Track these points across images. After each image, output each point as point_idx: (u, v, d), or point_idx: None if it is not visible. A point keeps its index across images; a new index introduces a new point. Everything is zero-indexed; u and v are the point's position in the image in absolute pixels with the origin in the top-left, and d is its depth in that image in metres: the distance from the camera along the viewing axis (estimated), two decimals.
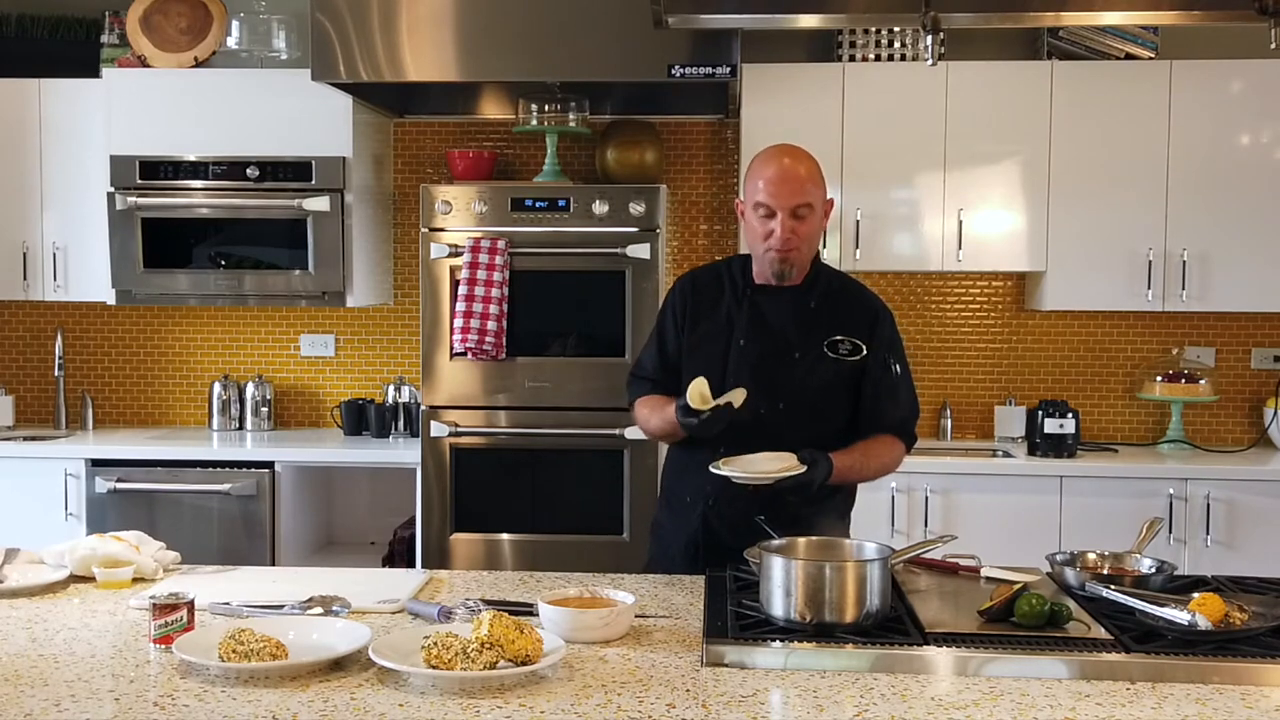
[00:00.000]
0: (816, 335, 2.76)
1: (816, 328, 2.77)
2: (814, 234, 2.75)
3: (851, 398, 2.78)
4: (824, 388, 2.75)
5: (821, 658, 2.03)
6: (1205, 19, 2.90)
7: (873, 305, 2.83)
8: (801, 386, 2.75)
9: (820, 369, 2.75)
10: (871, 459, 2.75)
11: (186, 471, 4.52)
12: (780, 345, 2.78)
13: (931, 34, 2.67)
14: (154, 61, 4.73)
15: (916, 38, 4.60)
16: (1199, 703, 1.88)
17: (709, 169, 5.00)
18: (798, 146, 2.81)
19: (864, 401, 2.77)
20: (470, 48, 4.27)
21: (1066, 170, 4.53)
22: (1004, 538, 4.19)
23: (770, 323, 2.80)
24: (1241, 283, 4.52)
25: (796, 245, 2.71)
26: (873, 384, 2.76)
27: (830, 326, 2.76)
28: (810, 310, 2.79)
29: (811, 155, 2.77)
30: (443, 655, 1.92)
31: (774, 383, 2.75)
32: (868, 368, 2.76)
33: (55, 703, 1.86)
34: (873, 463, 2.75)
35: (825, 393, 2.75)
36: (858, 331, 2.76)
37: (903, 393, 2.81)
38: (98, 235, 4.69)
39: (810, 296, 2.80)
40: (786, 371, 2.76)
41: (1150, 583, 2.39)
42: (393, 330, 5.11)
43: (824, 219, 2.77)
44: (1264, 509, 4.31)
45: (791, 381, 2.75)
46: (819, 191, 2.73)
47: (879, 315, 2.80)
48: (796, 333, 2.77)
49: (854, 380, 2.76)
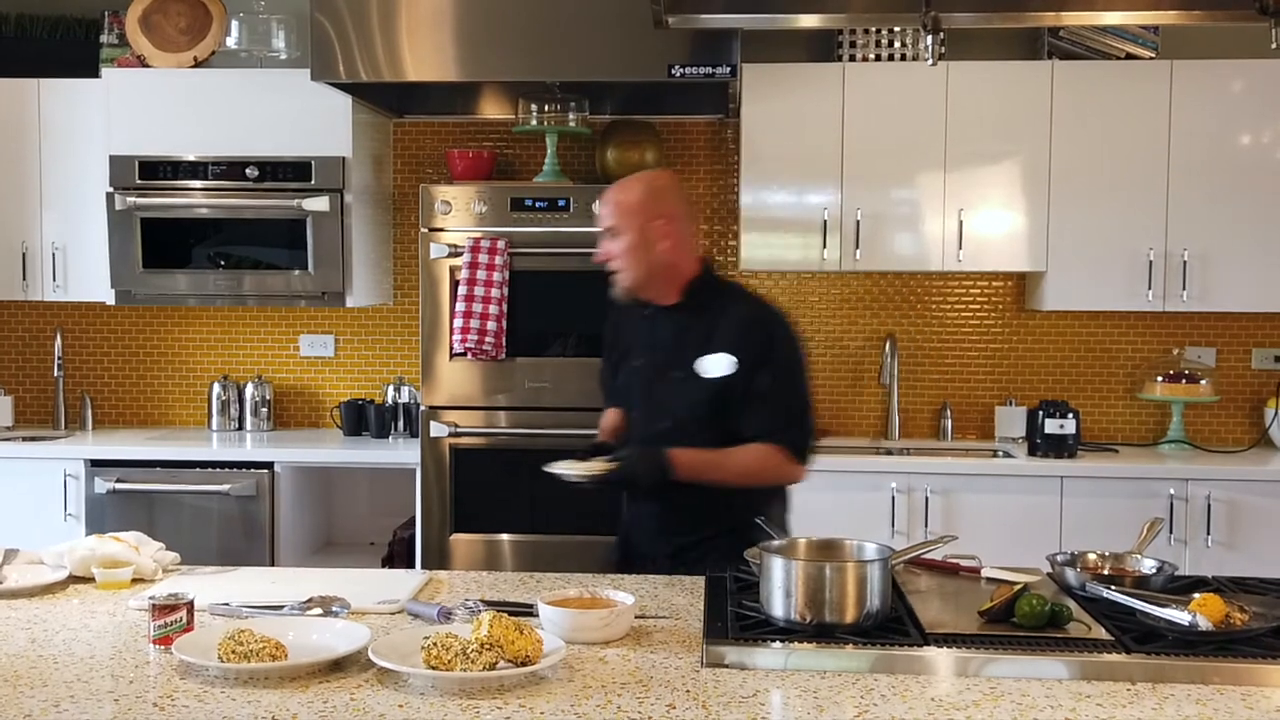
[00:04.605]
0: (690, 353, 2.80)
1: (690, 346, 2.81)
2: (631, 255, 2.80)
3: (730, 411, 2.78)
4: (699, 404, 2.78)
5: (822, 658, 2.02)
6: (1205, 19, 2.90)
7: (744, 319, 2.82)
8: (681, 404, 2.81)
9: (692, 387, 2.79)
10: (731, 461, 2.75)
11: (186, 472, 4.51)
12: (661, 365, 2.86)
13: (931, 34, 2.67)
14: (153, 61, 4.73)
15: (916, 38, 4.60)
16: (1199, 703, 1.88)
17: (709, 169, 5.00)
18: (643, 175, 2.93)
19: (732, 411, 2.77)
20: (470, 48, 4.27)
21: (1067, 170, 4.53)
22: (1004, 538, 4.18)
23: (656, 343, 2.89)
24: (1242, 283, 4.52)
25: (613, 263, 2.83)
26: (740, 396, 2.76)
27: (701, 343, 2.80)
28: (684, 329, 2.84)
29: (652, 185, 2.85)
30: (442, 656, 1.92)
31: (660, 402, 2.85)
32: (735, 381, 2.76)
33: (55, 703, 1.86)
34: (731, 465, 2.74)
35: (702, 409, 2.78)
36: (726, 346, 2.77)
37: (773, 403, 2.76)
38: (97, 235, 4.69)
39: (685, 314, 2.85)
40: (668, 390, 2.83)
41: (1151, 583, 2.38)
42: (392, 330, 5.10)
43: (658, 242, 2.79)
44: (1265, 509, 4.31)
45: (673, 400, 2.82)
46: (633, 220, 2.79)
47: (749, 329, 2.79)
48: (675, 352, 2.83)
49: (728, 395, 2.77)
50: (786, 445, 2.76)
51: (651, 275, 2.82)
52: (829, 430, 4.99)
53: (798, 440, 2.78)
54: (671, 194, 2.85)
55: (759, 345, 2.77)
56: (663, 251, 2.79)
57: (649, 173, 3.02)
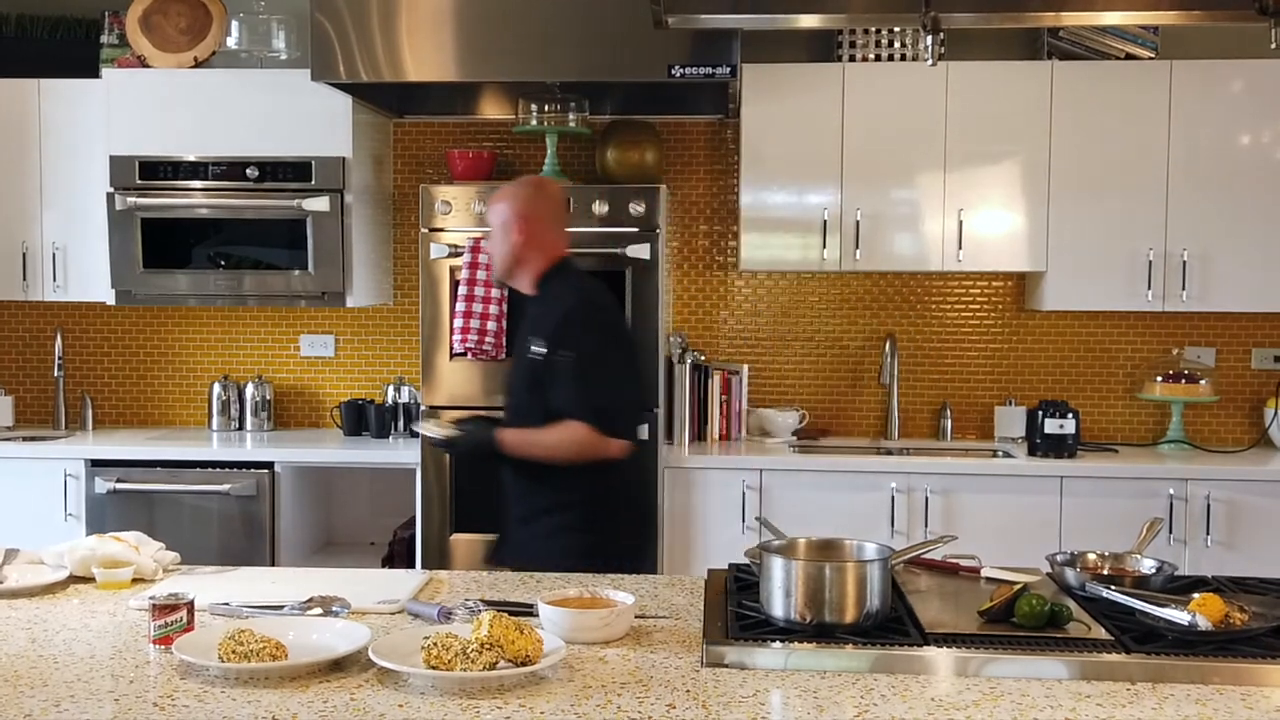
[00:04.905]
0: (530, 338, 3.16)
1: (531, 331, 3.19)
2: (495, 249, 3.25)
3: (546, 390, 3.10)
4: (525, 388, 3.16)
5: (822, 658, 2.03)
6: (1205, 19, 2.89)
7: (565, 306, 3.14)
8: (520, 383, 3.21)
9: (525, 367, 3.17)
10: (544, 437, 3.07)
11: (186, 472, 4.51)
12: (518, 347, 3.27)
13: (931, 34, 2.67)
14: (153, 62, 4.73)
15: (916, 38, 4.60)
16: (1199, 703, 1.88)
17: (709, 169, 5.00)
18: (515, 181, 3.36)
19: (547, 390, 3.09)
20: (470, 48, 4.27)
21: (1066, 170, 4.53)
22: (1004, 538, 4.18)
23: (518, 327, 3.33)
24: (1241, 283, 4.52)
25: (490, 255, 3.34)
26: (550, 377, 3.08)
27: (535, 329, 3.16)
28: (531, 316, 3.25)
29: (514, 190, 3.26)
30: (442, 656, 1.92)
31: (510, 380, 3.32)
32: (548, 362, 3.08)
33: (55, 703, 1.86)
34: (543, 441, 3.06)
35: (527, 392, 3.15)
36: (546, 332, 3.11)
37: (577, 382, 3.04)
38: (97, 235, 4.69)
39: (535, 303, 3.24)
40: (514, 370, 3.30)
41: (1150, 583, 2.39)
42: (392, 330, 5.11)
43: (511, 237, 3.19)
44: (1264, 509, 4.31)
45: (515, 379, 3.26)
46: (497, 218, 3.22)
47: (566, 315, 3.12)
48: (523, 336, 3.22)
49: (542, 375, 3.10)
50: (593, 422, 3.01)
51: (509, 267, 3.23)
52: (829, 430, 4.99)
53: (604, 418, 3.03)
54: (531, 198, 3.21)
55: (569, 330, 3.09)
56: (516, 246, 3.18)
57: (522, 178, 3.39)
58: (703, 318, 5.04)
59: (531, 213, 3.20)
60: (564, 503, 3.09)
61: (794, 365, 5.02)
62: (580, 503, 3.08)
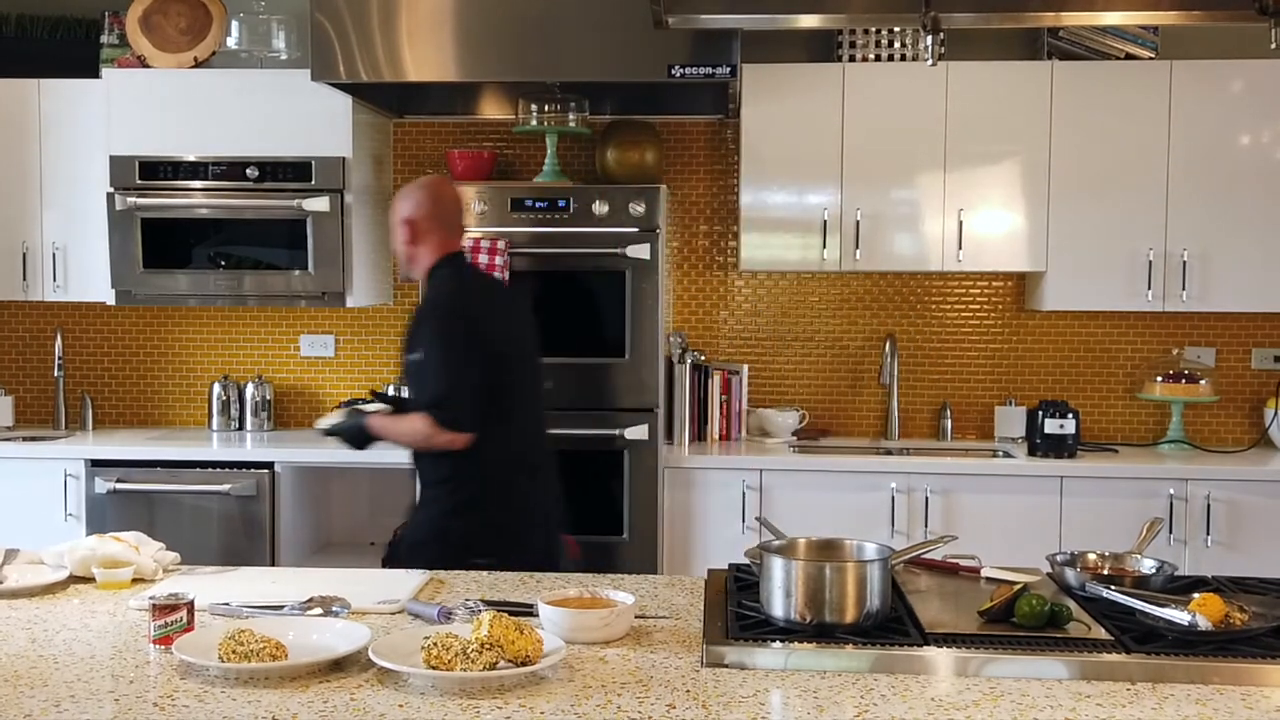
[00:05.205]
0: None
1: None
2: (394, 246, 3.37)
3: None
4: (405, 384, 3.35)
5: (822, 658, 2.03)
6: (1205, 19, 2.90)
7: (424, 306, 3.30)
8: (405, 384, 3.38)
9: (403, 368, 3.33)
10: (397, 426, 3.26)
11: (186, 472, 4.51)
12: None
13: (931, 34, 2.67)
14: (154, 62, 4.73)
15: (916, 38, 4.60)
16: (1199, 703, 1.88)
17: (709, 169, 5.00)
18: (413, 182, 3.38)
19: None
20: (470, 48, 4.27)
21: (1066, 170, 4.53)
22: (1004, 538, 4.19)
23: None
24: (1241, 283, 4.52)
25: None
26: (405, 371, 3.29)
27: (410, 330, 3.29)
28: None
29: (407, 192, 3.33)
30: (443, 656, 1.92)
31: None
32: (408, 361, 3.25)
33: (55, 703, 1.86)
34: (396, 430, 3.26)
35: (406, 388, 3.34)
36: (410, 331, 3.25)
37: (418, 378, 3.21)
38: (97, 235, 4.69)
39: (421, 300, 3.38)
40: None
41: (1150, 583, 2.39)
42: (393, 330, 5.10)
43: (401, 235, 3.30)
44: (1264, 509, 4.31)
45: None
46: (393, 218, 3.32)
47: (422, 316, 3.26)
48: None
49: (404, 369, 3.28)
50: (431, 415, 3.14)
51: (404, 263, 3.37)
52: (829, 430, 4.99)
53: (441, 412, 3.14)
54: (419, 200, 3.29)
55: (418, 330, 3.22)
56: (404, 244, 3.31)
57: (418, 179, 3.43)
58: (703, 318, 5.04)
59: (421, 214, 3.28)
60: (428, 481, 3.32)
61: (794, 365, 5.02)
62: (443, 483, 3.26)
